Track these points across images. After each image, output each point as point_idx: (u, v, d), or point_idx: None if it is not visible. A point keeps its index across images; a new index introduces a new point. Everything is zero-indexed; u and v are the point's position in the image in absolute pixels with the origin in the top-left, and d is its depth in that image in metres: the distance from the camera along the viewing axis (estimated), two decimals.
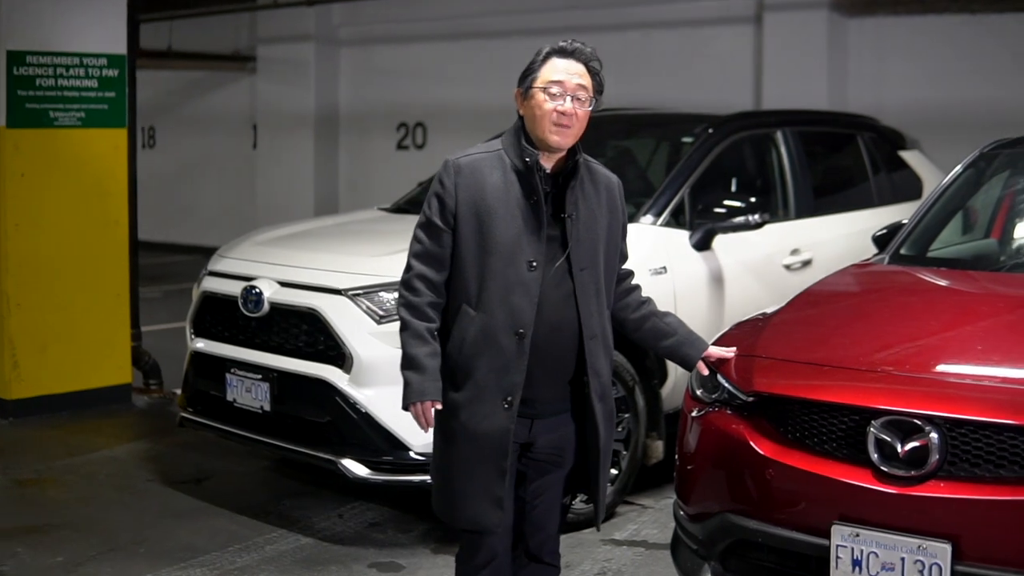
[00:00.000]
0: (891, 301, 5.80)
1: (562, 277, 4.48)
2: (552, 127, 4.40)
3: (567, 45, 4.50)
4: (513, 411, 4.44)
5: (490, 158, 4.53)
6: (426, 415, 4.47)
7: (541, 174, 4.45)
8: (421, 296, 4.50)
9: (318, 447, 6.82)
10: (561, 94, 4.40)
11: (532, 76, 4.48)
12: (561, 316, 4.48)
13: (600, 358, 4.58)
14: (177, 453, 8.59)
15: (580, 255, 4.50)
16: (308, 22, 18.50)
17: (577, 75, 4.44)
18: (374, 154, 18.53)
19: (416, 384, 4.45)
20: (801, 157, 8.77)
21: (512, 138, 4.55)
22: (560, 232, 4.48)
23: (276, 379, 6.99)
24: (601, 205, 4.59)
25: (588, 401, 4.56)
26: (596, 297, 4.55)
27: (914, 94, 12.95)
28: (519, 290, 4.41)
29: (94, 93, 9.62)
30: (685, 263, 7.66)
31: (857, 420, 4.62)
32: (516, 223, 4.43)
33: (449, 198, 4.48)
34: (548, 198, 4.48)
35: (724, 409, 5.09)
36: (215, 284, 7.54)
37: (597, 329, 4.55)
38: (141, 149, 20.95)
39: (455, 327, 4.51)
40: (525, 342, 4.41)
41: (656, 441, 7.41)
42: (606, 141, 9.04)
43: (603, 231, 4.59)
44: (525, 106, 4.51)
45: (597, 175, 4.64)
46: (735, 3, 14.41)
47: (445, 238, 4.49)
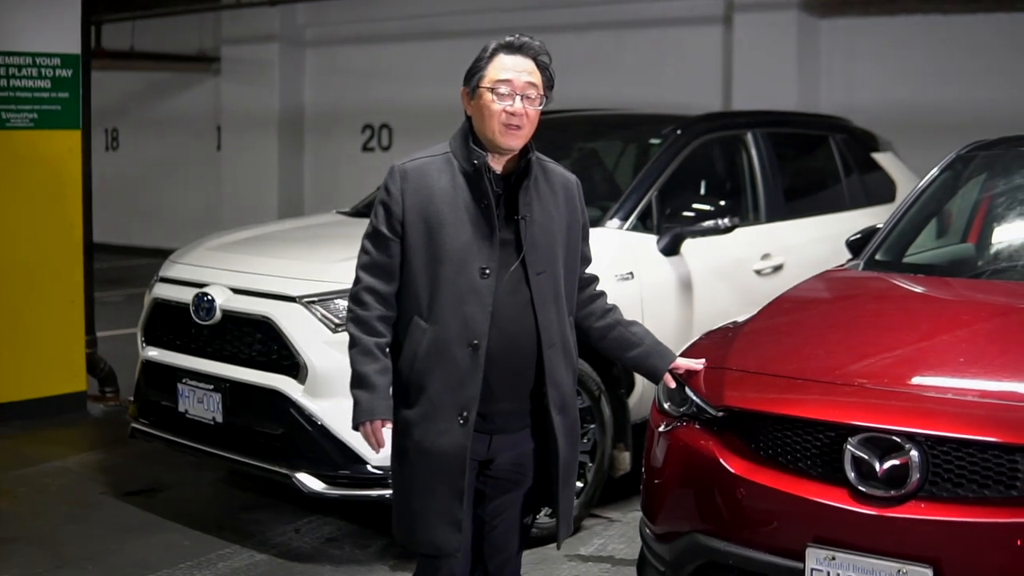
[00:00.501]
0: (867, 310, 5.60)
1: (517, 283, 4.27)
2: (501, 128, 4.19)
3: (514, 40, 4.28)
4: (469, 427, 4.24)
5: (437, 162, 4.33)
6: (376, 435, 4.26)
7: (491, 176, 4.25)
8: (370, 310, 4.29)
9: (272, 460, 6.60)
10: (510, 93, 4.19)
11: (478, 75, 4.26)
12: (518, 325, 4.27)
13: (560, 368, 4.36)
14: (131, 464, 8.36)
15: (536, 259, 4.29)
16: (273, 22, 18.40)
17: (526, 72, 4.23)
18: (339, 156, 18.41)
19: (365, 403, 4.24)
20: (772, 159, 8.57)
21: (460, 140, 4.34)
22: (514, 236, 4.27)
23: (229, 390, 6.77)
24: (558, 205, 4.39)
25: (547, 414, 4.35)
26: (555, 303, 4.34)
27: (885, 95, 12.88)
28: (472, 299, 4.20)
29: (47, 94, 9.40)
30: (653, 269, 7.46)
31: (833, 437, 4.42)
32: (467, 229, 4.22)
33: (396, 205, 4.28)
34: (500, 201, 4.27)
35: (692, 424, 4.89)
36: (166, 291, 7.32)
37: (556, 337, 4.34)
38: (104, 151, 21.23)
39: (406, 340, 4.31)
40: (480, 354, 4.20)
41: (623, 452, 7.23)
42: (572, 143, 8.88)
43: (561, 233, 4.38)
44: (472, 106, 4.30)
45: (553, 174, 4.44)
46: (704, 3, 14.32)
47: (393, 248, 4.29)
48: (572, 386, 4.45)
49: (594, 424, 7.02)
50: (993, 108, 11.79)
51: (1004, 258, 6.32)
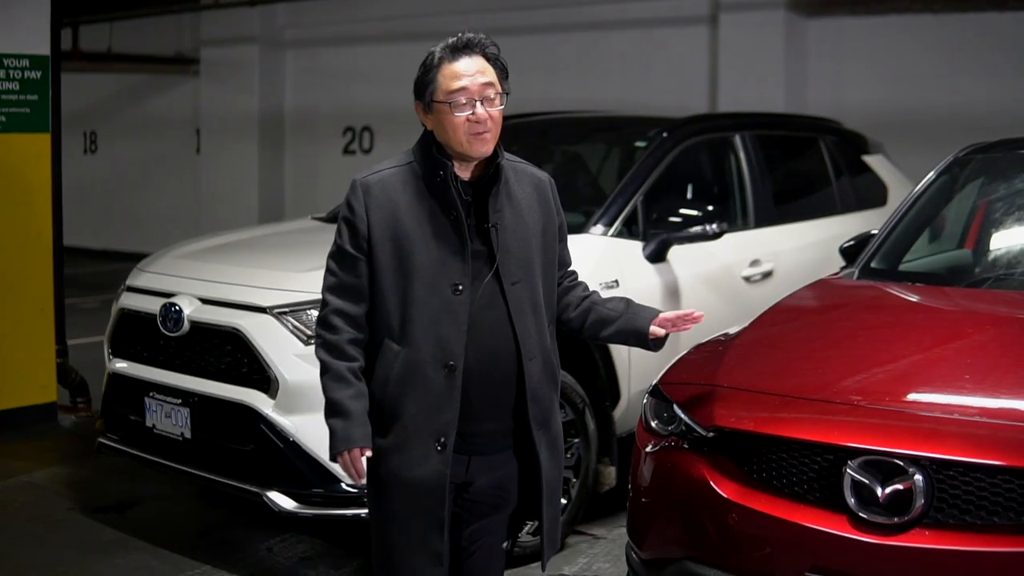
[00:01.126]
0: (864, 322, 5.35)
1: (492, 295, 4.04)
2: (469, 138, 3.97)
3: (456, 42, 4.05)
4: (447, 453, 4.00)
5: (401, 173, 4.09)
6: (355, 464, 4.02)
7: (458, 185, 4.02)
8: (340, 333, 4.05)
9: (242, 478, 6.34)
10: (469, 101, 3.96)
11: (430, 88, 4.03)
12: (496, 340, 4.03)
13: (541, 381, 4.12)
14: (101, 478, 8.10)
15: (510, 267, 4.05)
16: (252, 23, 18.19)
17: (479, 73, 3.99)
18: (320, 159, 18.19)
19: (341, 431, 4.00)
20: (760, 162, 8.35)
21: (422, 149, 4.10)
22: (487, 245, 4.04)
23: (197, 404, 6.51)
24: (532, 208, 4.16)
25: (528, 430, 4.11)
26: (533, 313, 4.10)
27: (874, 96, 12.71)
28: (445, 318, 3.97)
29: (15, 96, 9.13)
30: (638, 276, 7.21)
31: (831, 460, 4.19)
32: (436, 243, 3.99)
33: (360, 222, 4.04)
34: (470, 209, 4.05)
35: (681, 444, 4.65)
36: (133, 301, 7.05)
37: (536, 349, 4.09)
38: (82, 154, 20.95)
39: (378, 364, 4.07)
40: (456, 375, 3.97)
41: (609, 467, 7.00)
42: (554, 146, 8.68)
43: (536, 237, 4.15)
44: (431, 120, 4.07)
45: (524, 175, 4.22)
46: (689, 3, 14.14)
47: (360, 267, 4.05)
48: (554, 399, 4.21)
49: (578, 438, 6.78)
50: (984, 109, 11.66)
51: (1003, 265, 6.09)
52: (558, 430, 4.25)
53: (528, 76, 14.77)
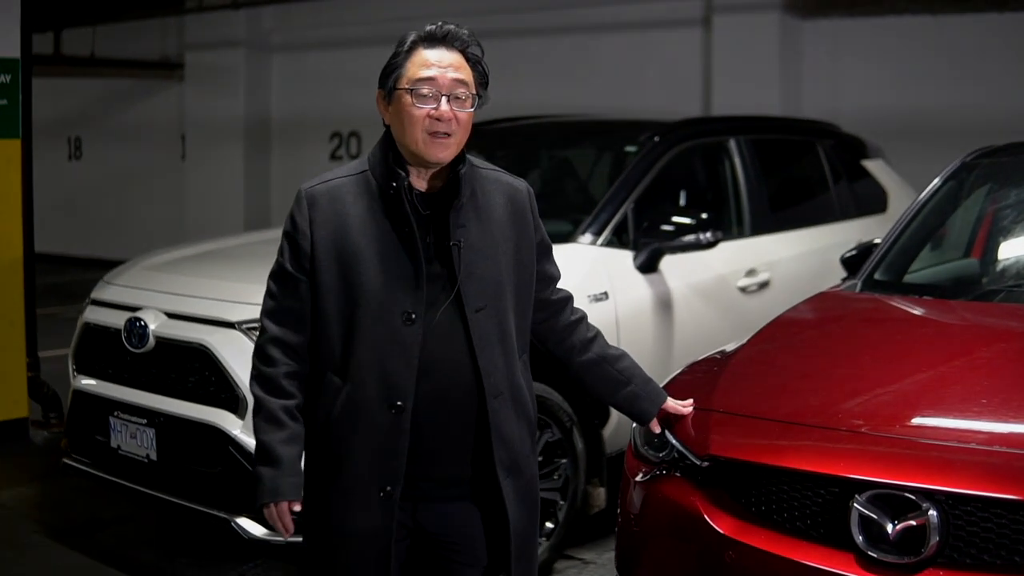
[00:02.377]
0: (869, 339, 5.02)
1: (452, 325, 3.59)
2: (426, 138, 3.54)
3: (436, 30, 3.64)
4: (393, 503, 3.57)
5: (352, 183, 3.67)
6: (283, 519, 3.62)
7: (413, 198, 3.60)
8: (276, 366, 3.65)
9: (211, 503, 6.00)
10: (434, 94, 3.55)
11: (395, 74, 3.62)
12: (453, 376, 3.59)
13: (509, 421, 3.67)
14: (70, 499, 7.79)
15: (474, 292, 3.60)
16: (238, 28, 17.97)
17: (452, 67, 3.58)
18: (307, 165, 17.84)
19: (268, 481, 3.60)
20: (756, 168, 8.04)
21: (378, 155, 3.68)
22: (448, 267, 3.61)
23: (163, 424, 6.18)
24: (503, 223, 3.72)
25: (494, 477, 3.66)
26: (501, 343, 3.65)
27: (872, 99, 12.46)
28: (393, 351, 3.54)
29: None
30: (629, 287, 6.90)
31: (837, 493, 3.85)
32: (387, 264, 3.56)
33: (303, 239, 3.62)
34: (429, 225, 3.61)
35: (673, 473, 4.31)
36: (98, 315, 6.74)
37: (503, 384, 3.65)
38: (67, 160, 20.69)
39: (319, 400, 3.65)
40: (404, 416, 3.54)
41: (598, 488, 6.68)
42: (542, 151, 8.39)
43: (506, 256, 3.70)
44: (390, 113, 3.66)
45: (495, 185, 3.78)
46: (683, 5, 13.88)
47: (302, 289, 3.64)
48: (527, 441, 3.77)
49: (566, 459, 6.47)
50: (986, 112, 11.38)
51: (1012, 276, 5.78)
52: (532, 476, 3.81)
53: (519, 79, 14.53)
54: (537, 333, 3.96)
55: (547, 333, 3.98)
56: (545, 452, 6.37)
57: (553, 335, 3.98)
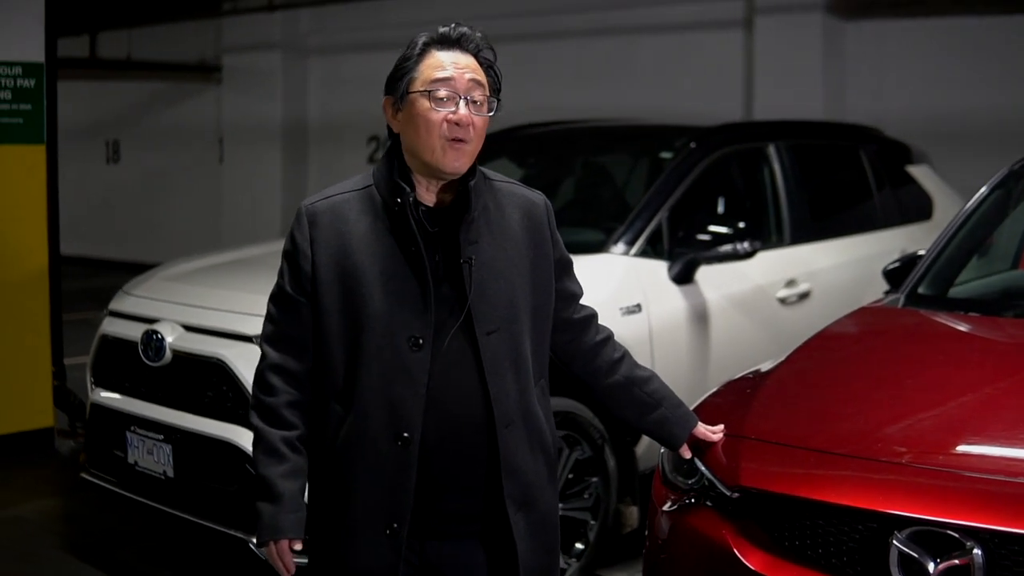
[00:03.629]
0: (911, 358, 4.75)
1: (462, 349, 3.36)
2: (444, 144, 3.29)
3: (449, 31, 3.41)
4: (400, 541, 3.34)
5: (357, 199, 3.43)
6: (283, 558, 3.41)
7: (419, 213, 3.36)
8: (276, 395, 3.43)
9: (227, 522, 5.80)
10: (451, 96, 3.31)
11: (407, 78, 3.37)
12: (463, 405, 3.35)
13: (522, 451, 3.42)
14: (91, 512, 7.62)
15: (486, 313, 3.37)
16: (274, 30, 17.84)
17: (468, 69, 3.35)
18: (344, 169, 17.68)
19: (268, 518, 3.39)
20: (796, 174, 7.80)
21: (384, 168, 3.44)
22: (459, 287, 3.37)
23: (180, 440, 6.00)
24: (518, 239, 3.49)
25: (503, 512, 3.41)
26: (513, 368, 3.41)
27: (917, 103, 12.18)
28: (400, 379, 3.30)
29: (7, 106, 8.67)
30: (663, 299, 6.67)
31: (875, 529, 3.61)
32: (392, 285, 3.32)
33: (304, 259, 3.39)
34: (437, 243, 3.37)
35: (703, 503, 4.06)
36: (115, 327, 6.56)
37: (515, 412, 3.40)
38: (105, 164, 20.59)
39: (322, 431, 3.43)
40: (411, 449, 3.30)
41: (630, 507, 6.46)
42: (576, 157, 8.17)
43: (522, 275, 3.47)
44: (401, 120, 3.40)
45: (508, 197, 3.54)
46: (723, 6, 13.64)
47: (303, 313, 3.41)
48: (542, 474, 3.51)
49: (596, 477, 6.26)
50: None
51: None
52: (548, 511, 3.55)
53: (558, 83, 14.37)
54: (560, 354, 3.74)
55: (571, 355, 3.75)
56: (575, 470, 6.18)
57: (577, 357, 3.75)
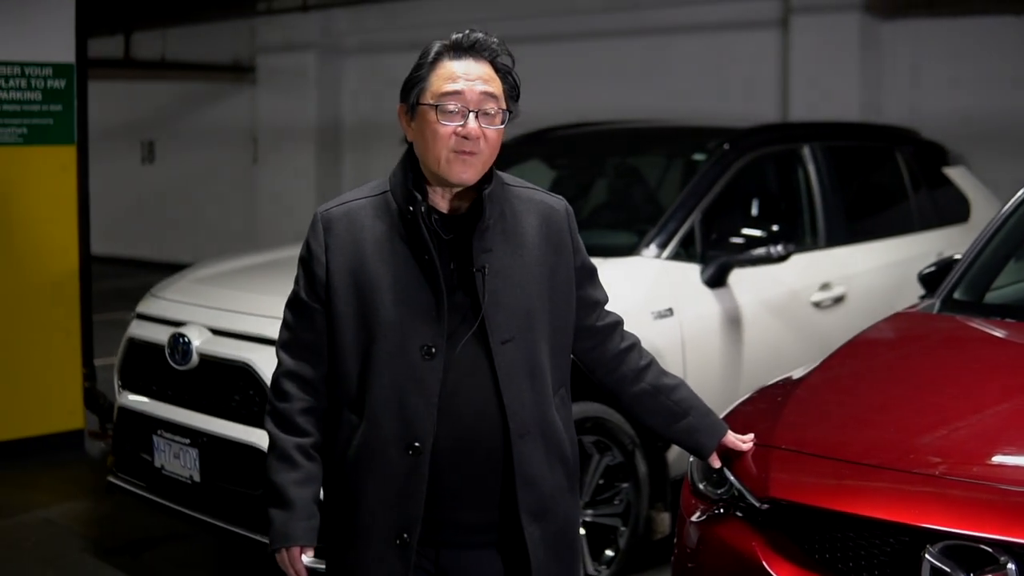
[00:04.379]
0: (946, 366, 4.66)
1: (475, 358, 3.30)
2: (450, 156, 3.24)
3: (462, 39, 3.32)
4: (410, 550, 3.28)
5: (371, 205, 3.37)
6: (294, 565, 3.34)
7: (431, 220, 3.30)
8: (291, 401, 3.38)
9: (253, 527, 5.73)
10: (460, 110, 3.24)
11: (419, 87, 3.30)
12: (476, 415, 3.29)
13: (538, 461, 3.35)
14: (119, 515, 7.58)
15: (500, 322, 3.31)
16: (309, 30, 17.81)
17: (480, 80, 3.27)
18: (379, 169, 17.58)
19: (279, 525, 3.34)
20: (831, 176, 7.68)
21: (399, 174, 3.37)
22: (473, 295, 3.31)
23: (206, 445, 5.94)
24: (536, 245, 3.41)
25: (518, 523, 3.34)
26: (530, 378, 3.34)
27: (955, 103, 12.06)
28: (412, 388, 3.24)
29: (38, 107, 8.66)
30: (695, 303, 6.57)
31: (907, 542, 3.52)
32: (405, 293, 3.27)
33: (318, 266, 3.35)
34: (452, 250, 3.32)
35: (732, 513, 3.97)
36: (142, 330, 6.50)
37: (532, 422, 3.33)
38: (140, 164, 20.61)
39: (336, 439, 3.38)
40: (422, 459, 3.24)
41: (662, 513, 6.37)
42: (608, 158, 8.07)
43: (539, 282, 3.40)
44: (413, 129, 3.33)
45: (527, 204, 3.46)
46: (760, 6, 13.54)
47: (318, 320, 3.36)
48: (561, 484, 3.43)
49: (627, 482, 6.17)
50: None
51: None
52: (567, 522, 3.47)
53: (591, 83, 14.30)
54: (585, 362, 3.67)
55: (595, 362, 3.67)
56: (606, 476, 6.10)
57: (602, 364, 3.67)
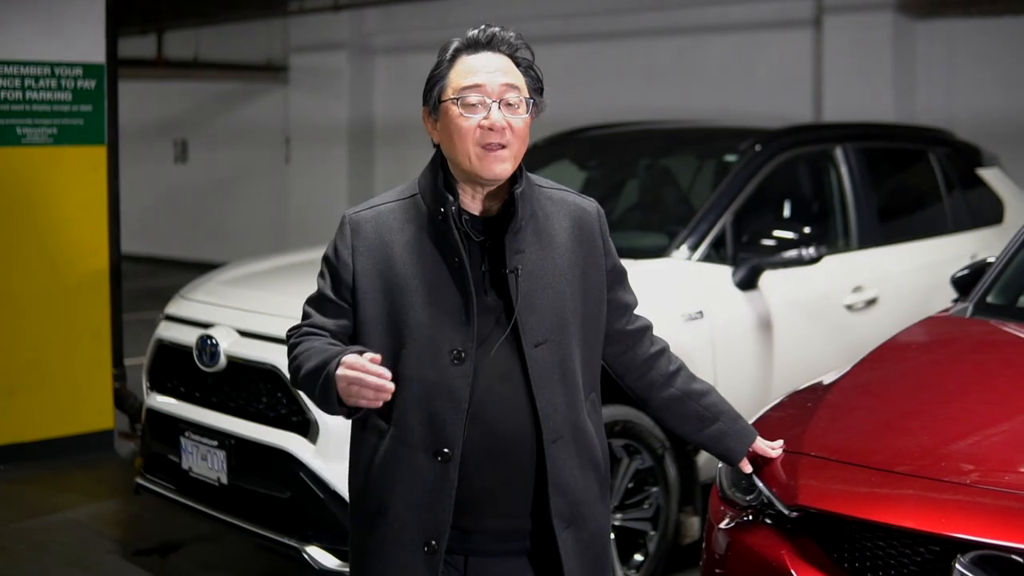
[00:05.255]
0: (978, 371, 4.59)
1: (508, 362, 3.25)
2: (479, 151, 3.18)
3: (479, 34, 3.29)
4: (438, 557, 3.23)
5: (400, 208, 3.33)
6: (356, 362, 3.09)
7: (462, 222, 3.24)
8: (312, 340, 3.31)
9: (280, 530, 5.72)
10: (482, 101, 3.20)
11: (439, 86, 3.28)
12: (508, 420, 3.23)
13: (570, 467, 3.30)
14: (147, 516, 7.56)
15: (533, 325, 3.25)
16: (341, 30, 17.79)
17: (500, 72, 3.23)
18: (411, 169, 17.35)
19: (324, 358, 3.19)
20: (864, 178, 7.60)
21: (429, 177, 3.32)
22: (505, 297, 3.26)
23: (233, 447, 5.92)
24: (568, 248, 3.36)
25: (550, 530, 3.29)
26: (563, 381, 3.29)
27: (989, 103, 11.98)
28: (441, 394, 3.19)
29: (68, 107, 8.66)
30: (726, 306, 6.50)
31: (937, 552, 3.46)
32: (435, 296, 3.22)
33: (344, 269, 3.30)
34: (483, 253, 3.27)
35: (761, 520, 3.92)
36: (170, 331, 6.49)
37: (565, 426, 3.28)
38: (173, 163, 20.62)
39: (362, 443, 3.34)
40: (451, 465, 3.20)
41: (692, 517, 6.32)
42: (639, 160, 8.00)
43: (572, 284, 3.34)
44: (438, 130, 3.29)
45: (559, 205, 3.40)
46: (793, 5, 13.44)
47: (341, 315, 3.32)
48: (592, 490, 3.37)
49: (657, 486, 6.13)
50: None
51: None
52: (599, 528, 3.42)
53: (625, 83, 14.24)
54: (614, 366, 3.61)
55: (624, 367, 3.62)
56: (635, 480, 6.06)
57: (631, 369, 3.61)
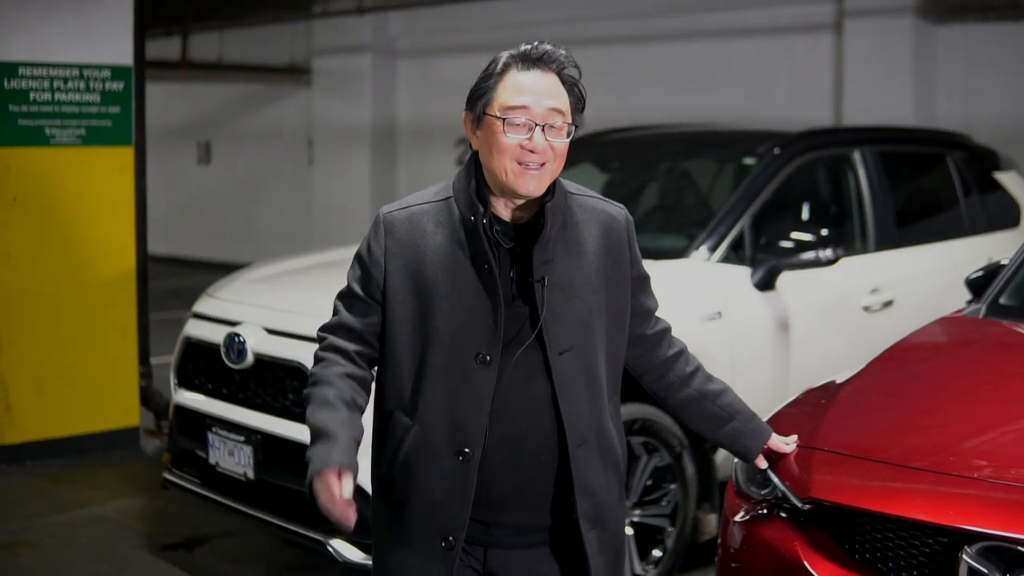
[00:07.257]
0: (991, 370, 4.66)
1: (533, 367, 3.31)
2: (515, 168, 3.23)
3: (531, 50, 3.29)
4: (455, 553, 3.32)
5: (435, 210, 3.38)
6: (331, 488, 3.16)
7: (493, 231, 3.31)
8: (331, 366, 3.38)
9: (306, 524, 5.80)
10: (527, 123, 3.23)
11: (485, 97, 3.29)
12: (531, 423, 3.31)
13: (595, 470, 3.37)
14: (173, 511, 7.66)
15: (559, 332, 3.31)
16: (364, 32, 17.88)
17: (547, 94, 3.25)
18: (433, 171, 17.70)
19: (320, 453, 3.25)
20: (882, 181, 7.66)
21: (463, 181, 3.38)
22: (532, 303, 3.31)
23: (260, 442, 6.03)
24: (596, 256, 3.41)
25: (577, 530, 3.37)
26: (587, 388, 3.35)
27: (1008, 108, 12.02)
28: (465, 394, 3.27)
29: (96, 108, 8.77)
30: (744, 306, 6.59)
31: (945, 543, 3.55)
32: (464, 300, 3.28)
33: (376, 268, 3.35)
34: (512, 260, 3.34)
35: (776, 513, 4.02)
36: (198, 329, 6.60)
37: (589, 431, 3.36)
38: (197, 165, 20.75)
39: (387, 440, 3.41)
40: (471, 465, 3.28)
41: (709, 514, 6.40)
42: (659, 162, 8.09)
43: (598, 293, 3.40)
44: (478, 137, 3.34)
45: (589, 213, 3.45)
46: (814, 10, 13.51)
47: (372, 314, 3.39)
48: (613, 491, 3.46)
49: (675, 484, 6.21)
50: None
51: None
52: (618, 529, 3.51)
53: (645, 86, 14.33)
54: (633, 367, 3.69)
55: (643, 368, 3.70)
56: (654, 477, 6.14)
57: (650, 371, 3.70)
